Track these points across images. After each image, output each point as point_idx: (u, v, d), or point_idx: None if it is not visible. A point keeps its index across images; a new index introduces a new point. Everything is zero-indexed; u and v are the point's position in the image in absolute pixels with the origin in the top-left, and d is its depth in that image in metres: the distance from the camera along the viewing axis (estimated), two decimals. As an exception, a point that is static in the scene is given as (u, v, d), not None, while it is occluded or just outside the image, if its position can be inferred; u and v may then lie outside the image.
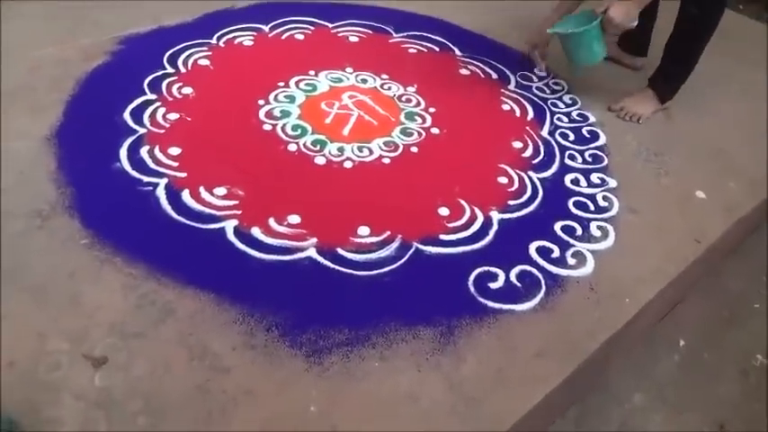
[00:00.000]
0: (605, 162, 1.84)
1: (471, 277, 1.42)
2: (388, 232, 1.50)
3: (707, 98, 2.18)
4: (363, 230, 1.49)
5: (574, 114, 2.03)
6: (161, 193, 1.50)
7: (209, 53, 2.05)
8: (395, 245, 1.47)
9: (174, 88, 1.87)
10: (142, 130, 1.69)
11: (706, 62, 1.99)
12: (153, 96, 1.82)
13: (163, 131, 1.70)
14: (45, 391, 1.07)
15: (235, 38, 2.15)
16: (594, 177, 1.78)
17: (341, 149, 1.73)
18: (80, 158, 1.57)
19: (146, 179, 1.54)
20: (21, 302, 1.20)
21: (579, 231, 1.59)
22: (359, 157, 1.72)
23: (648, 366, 1.54)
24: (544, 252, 1.51)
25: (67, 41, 1.99)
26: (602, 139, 1.93)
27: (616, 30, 1.85)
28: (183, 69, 1.96)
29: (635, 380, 1.50)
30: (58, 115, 1.69)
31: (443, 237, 1.51)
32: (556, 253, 1.52)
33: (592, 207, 1.67)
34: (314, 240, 1.45)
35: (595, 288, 1.44)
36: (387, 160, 1.72)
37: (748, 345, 1.64)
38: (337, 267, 1.39)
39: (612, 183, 1.76)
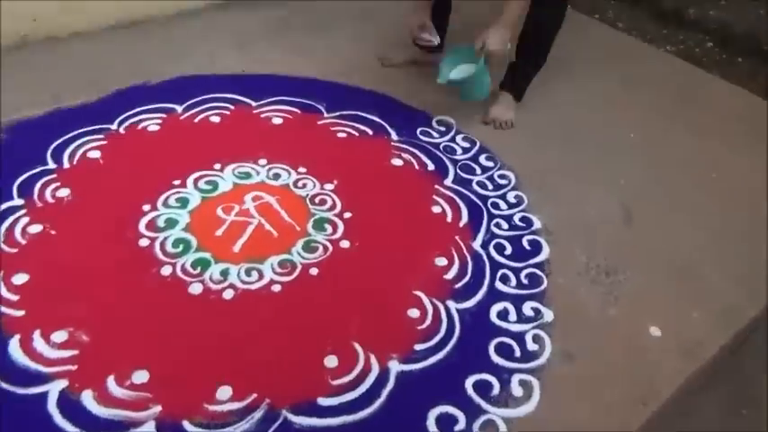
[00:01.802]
0: (543, 285, 1.55)
1: (348, 464, 1.14)
2: (254, 395, 1.23)
3: (677, 194, 1.89)
4: (224, 392, 1.22)
5: (516, 218, 1.75)
6: (-18, 342, 1.25)
7: (104, 142, 1.82)
8: (258, 414, 1.20)
9: (49, 190, 1.63)
10: (-9, 250, 1.44)
11: (677, 139, 1.73)
12: (20, 202, 1.59)
13: (15, 251, 1.46)
14: None
15: (140, 122, 1.92)
16: (527, 308, 1.49)
17: (224, 273, 1.47)
18: None
19: (-29, 321, 1.29)
20: None
21: (496, 390, 1.30)
22: (245, 283, 1.45)
23: None
24: (445, 422, 1.23)
25: (-57, 131, 1.77)
26: (545, 253, 1.64)
27: (498, 59, 1.91)
28: (66, 164, 1.72)
29: None
30: None
31: (322, 400, 1.24)
32: (461, 423, 1.23)
33: (518, 352, 1.38)
34: (157, 409, 1.18)
35: (503, 478, 1.15)
36: (277, 287, 1.45)
37: None
38: (176, 452, 1.12)
39: (548, 315, 1.47)
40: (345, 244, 1.59)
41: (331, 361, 1.31)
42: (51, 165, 1.71)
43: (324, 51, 2.38)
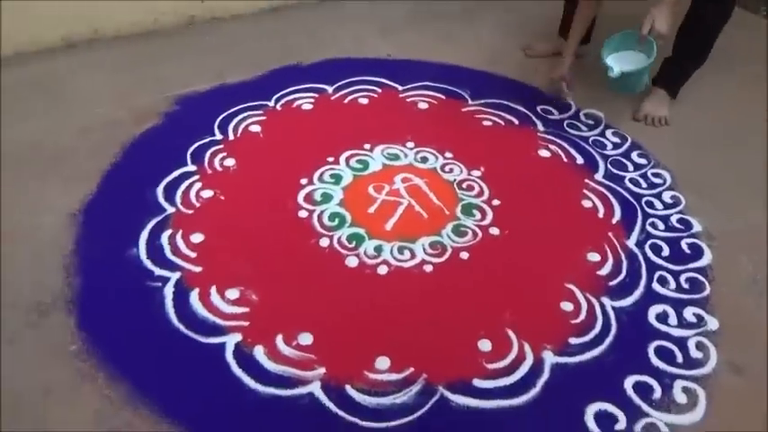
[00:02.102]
0: (706, 292, 1.46)
1: (503, 448, 1.14)
2: (412, 369, 1.25)
3: None
4: (382, 363, 1.26)
5: (673, 220, 1.66)
6: (168, 291, 1.37)
7: (263, 118, 1.92)
8: (416, 387, 1.22)
9: (217, 159, 1.75)
10: (171, 210, 1.58)
11: None
12: (193, 168, 1.71)
13: (191, 212, 1.58)
14: None
15: (294, 100, 2.01)
16: (689, 313, 1.41)
17: (378, 249, 1.51)
18: (98, 241, 1.48)
19: (158, 272, 1.41)
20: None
21: (658, 393, 1.24)
22: (397, 260, 1.49)
23: None
24: (605, 421, 1.19)
25: (124, 99, 1.95)
26: (707, 258, 1.55)
27: (666, 42, 1.82)
28: (231, 136, 1.84)
29: None
30: (92, 187, 1.62)
31: (478, 382, 1.24)
32: (621, 423, 1.19)
33: (680, 358, 1.32)
34: (321, 371, 1.24)
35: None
36: (429, 267, 1.48)
37: None
38: (341, 413, 1.17)
39: (713, 324, 1.39)
40: (495, 231, 1.58)
41: (485, 345, 1.31)
42: (218, 136, 1.84)
43: (468, 40, 2.38)
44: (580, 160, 1.85)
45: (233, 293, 1.38)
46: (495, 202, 1.67)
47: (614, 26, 1.92)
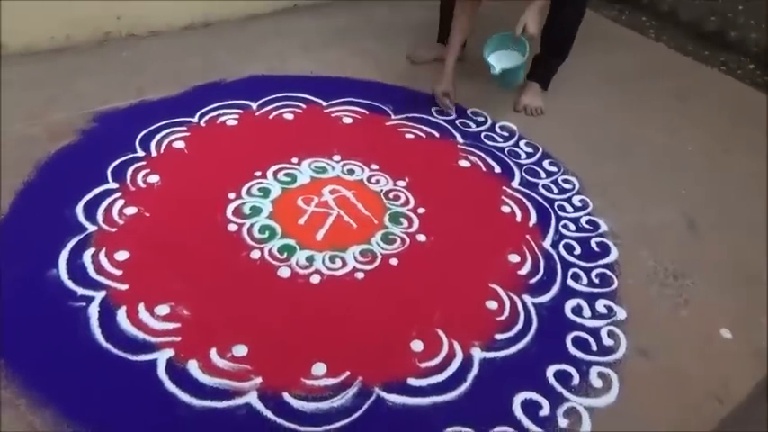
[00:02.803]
0: (614, 285, 1.60)
1: (439, 440, 1.19)
2: (348, 373, 1.28)
3: (737, 205, 1.92)
4: (319, 369, 1.28)
5: (583, 221, 1.80)
6: (93, 311, 1.33)
7: (187, 134, 1.91)
8: (352, 390, 1.25)
9: (140, 176, 1.72)
10: (92, 228, 1.53)
11: (736, 153, 1.75)
12: (114, 185, 1.67)
13: (114, 230, 1.54)
14: None
15: (218, 116, 2.01)
16: (600, 305, 1.53)
17: (310, 259, 1.53)
18: (14, 263, 1.41)
19: (81, 291, 1.37)
20: None
21: (576, 380, 1.34)
22: (329, 269, 1.52)
23: None
24: (530, 407, 1.27)
25: (37, 116, 1.87)
26: (613, 255, 1.69)
27: (536, 41, 2.09)
28: (154, 153, 1.81)
29: None
30: (5, 207, 1.55)
31: (412, 381, 1.29)
32: (545, 409, 1.27)
33: (594, 346, 1.43)
34: (258, 381, 1.24)
35: (589, 463, 1.19)
36: (360, 275, 1.52)
37: None
38: (279, 420, 1.18)
39: (621, 314, 1.52)
40: (422, 237, 1.65)
41: (417, 345, 1.37)
42: (140, 152, 1.80)
43: (384, 55, 2.47)
44: (497, 169, 1.96)
45: (163, 309, 1.35)
46: (421, 211, 1.74)
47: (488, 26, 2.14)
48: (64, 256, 1.44)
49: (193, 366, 1.25)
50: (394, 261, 1.57)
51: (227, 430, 1.16)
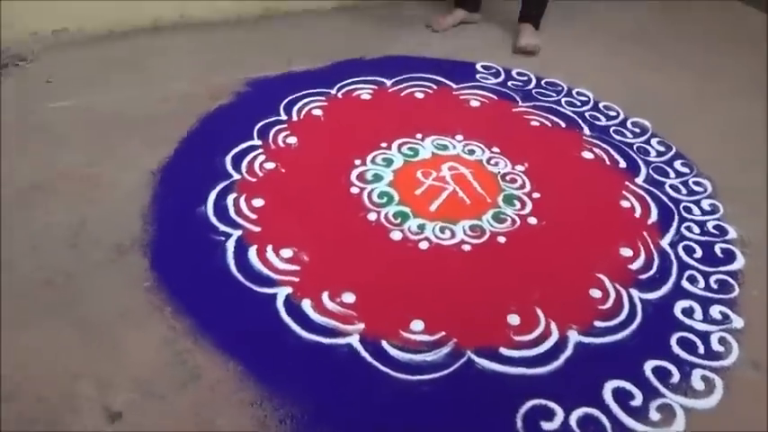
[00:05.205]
0: (735, 293, 1.52)
1: (523, 409, 1.23)
2: (443, 333, 1.36)
3: None
4: (417, 325, 1.37)
5: (709, 225, 1.71)
6: (230, 245, 1.52)
7: (325, 103, 2.08)
8: (445, 349, 1.33)
9: (281, 137, 1.91)
10: (237, 176, 1.74)
11: None
12: (258, 142, 1.88)
13: (255, 180, 1.74)
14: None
15: (354, 90, 2.16)
16: (715, 311, 1.47)
17: (421, 227, 1.63)
18: (172, 197, 1.66)
19: (222, 228, 1.57)
20: (68, 337, 1.28)
21: (676, 378, 1.31)
22: (438, 238, 1.60)
23: None
24: (622, 396, 1.27)
25: (202, 78, 2.14)
26: (739, 263, 1.60)
27: None
28: (294, 118, 2.00)
29: None
30: (170, 151, 1.81)
31: (504, 350, 1.34)
32: (637, 400, 1.26)
33: (701, 349, 1.38)
34: (361, 326, 1.36)
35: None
36: (467, 247, 1.58)
37: None
38: (375, 363, 1.29)
39: (738, 322, 1.44)
40: (533, 220, 1.68)
41: (513, 319, 1.41)
42: (283, 116, 2.00)
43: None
44: (623, 164, 1.92)
45: (287, 252, 1.52)
46: (536, 195, 1.76)
47: None
48: (212, 196, 1.66)
49: (307, 305, 1.40)
50: (501, 239, 1.61)
51: (328, 363, 1.29)
